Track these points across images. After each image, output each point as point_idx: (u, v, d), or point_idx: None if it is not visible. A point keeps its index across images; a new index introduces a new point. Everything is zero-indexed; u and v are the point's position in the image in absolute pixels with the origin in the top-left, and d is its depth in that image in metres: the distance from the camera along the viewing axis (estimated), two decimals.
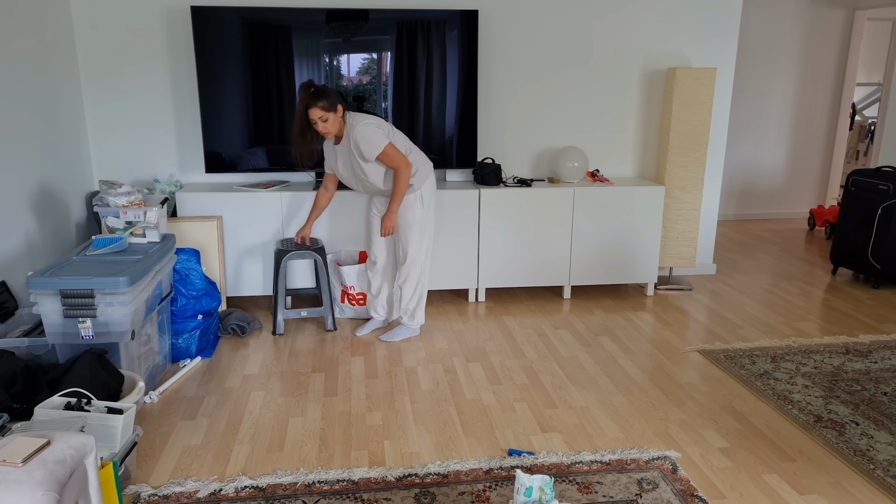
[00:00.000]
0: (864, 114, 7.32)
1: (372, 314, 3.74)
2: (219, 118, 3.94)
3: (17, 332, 2.88)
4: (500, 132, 4.41)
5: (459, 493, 2.26)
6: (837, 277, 4.80)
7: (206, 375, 3.18)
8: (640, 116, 4.51)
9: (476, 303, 4.23)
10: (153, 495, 2.23)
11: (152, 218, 3.11)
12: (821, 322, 3.92)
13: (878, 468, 2.41)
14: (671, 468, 2.40)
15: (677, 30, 4.40)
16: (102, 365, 2.50)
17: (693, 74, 4.24)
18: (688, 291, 4.48)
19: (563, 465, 2.42)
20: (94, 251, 2.88)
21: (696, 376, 3.19)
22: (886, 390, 3.02)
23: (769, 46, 6.30)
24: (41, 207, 3.46)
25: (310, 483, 2.31)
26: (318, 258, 3.62)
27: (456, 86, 4.10)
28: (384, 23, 3.94)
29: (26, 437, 1.65)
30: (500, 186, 4.14)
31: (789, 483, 2.34)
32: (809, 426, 2.70)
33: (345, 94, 4.02)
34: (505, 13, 4.22)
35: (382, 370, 3.24)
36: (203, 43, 3.83)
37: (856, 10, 6.31)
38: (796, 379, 3.14)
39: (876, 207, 4.47)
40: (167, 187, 4.04)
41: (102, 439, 2.14)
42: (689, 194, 4.43)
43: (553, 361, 3.35)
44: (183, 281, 3.30)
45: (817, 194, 6.79)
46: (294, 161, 4.04)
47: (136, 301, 2.69)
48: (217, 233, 3.85)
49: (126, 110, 4.06)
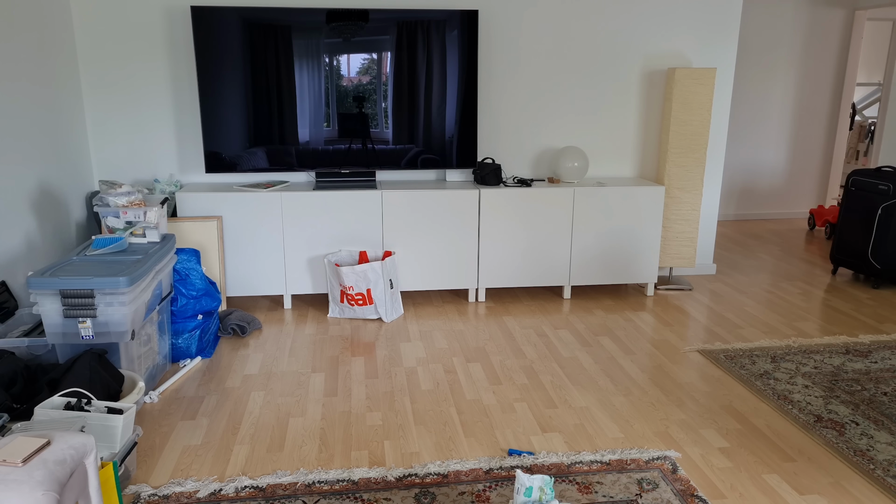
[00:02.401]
0: (864, 114, 7.33)
1: None
2: (219, 118, 3.94)
3: (17, 332, 2.88)
4: (500, 132, 4.41)
5: (459, 493, 2.26)
6: (837, 277, 4.80)
7: (206, 375, 3.18)
8: (640, 116, 4.51)
9: (476, 303, 4.23)
10: (153, 495, 2.23)
11: (152, 218, 3.11)
12: (821, 322, 3.92)
13: (878, 468, 2.41)
14: (671, 468, 2.40)
15: (677, 30, 4.40)
16: (102, 365, 2.50)
17: (693, 74, 4.24)
18: (688, 291, 4.48)
19: (563, 465, 2.42)
20: (94, 251, 2.88)
21: (696, 376, 3.19)
22: (886, 390, 3.02)
23: (769, 46, 6.30)
24: (41, 207, 3.47)
25: (310, 483, 2.31)
26: None
27: (456, 86, 4.10)
28: (384, 23, 3.94)
29: (26, 437, 1.65)
30: (500, 186, 4.15)
31: (789, 483, 2.34)
32: (809, 426, 2.70)
33: (345, 94, 4.02)
34: (505, 13, 4.22)
35: (382, 370, 3.24)
36: (203, 43, 3.83)
37: (856, 10, 6.31)
38: (796, 379, 3.14)
39: (876, 207, 4.47)
40: (167, 187, 4.04)
41: (102, 439, 2.14)
42: (688, 194, 4.43)
43: (553, 361, 3.35)
44: (183, 281, 3.30)
45: (817, 194, 6.79)
46: (294, 161, 4.04)
47: (136, 301, 2.69)
48: (217, 233, 3.85)
49: (126, 110, 4.06)
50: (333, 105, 4.03)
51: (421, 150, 4.17)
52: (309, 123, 4.03)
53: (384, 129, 4.11)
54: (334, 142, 4.09)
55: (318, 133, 4.06)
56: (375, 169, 4.17)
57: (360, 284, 3.82)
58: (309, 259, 4.02)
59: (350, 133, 4.10)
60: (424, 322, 3.88)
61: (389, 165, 4.17)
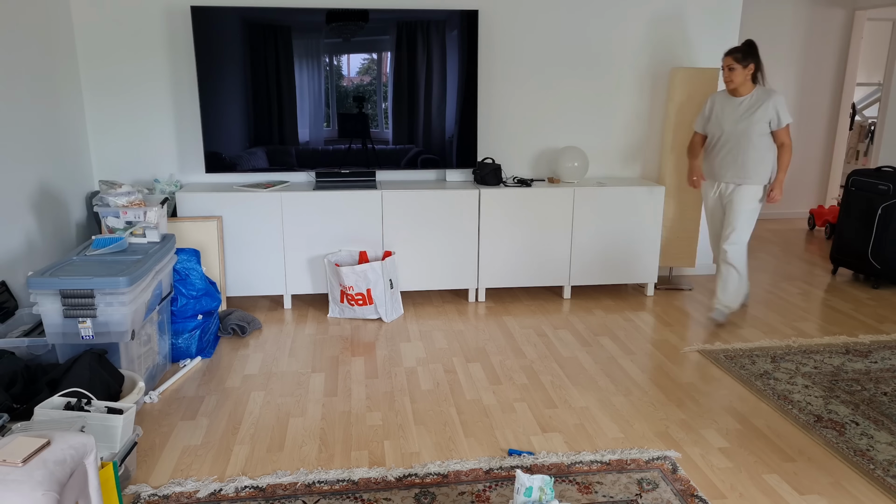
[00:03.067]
0: (864, 114, 7.32)
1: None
2: (219, 118, 3.94)
3: (17, 332, 2.88)
4: (500, 132, 4.41)
5: (459, 493, 2.26)
6: (837, 277, 4.80)
7: (206, 375, 3.18)
8: (640, 116, 4.51)
9: (476, 303, 4.23)
10: (153, 495, 2.23)
11: (152, 218, 3.11)
12: (821, 322, 3.92)
13: (878, 468, 2.41)
14: (671, 468, 2.40)
15: (677, 30, 4.40)
16: (102, 365, 2.50)
17: (693, 74, 4.24)
18: (688, 291, 4.48)
19: (563, 465, 2.42)
20: (94, 251, 2.88)
21: (696, 376, 3.19)
22: (886, 390, 3.02)
23: (769, 47, 6.30)
24: (41, 207, 3.47)
25: (310, 483, 2.31)
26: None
27: (456, 86, 4.10)
28: (384, 23, 3.94)
29: (26, 437, 1.65)
30: (500, 186, 4.15)
31: (789, 483, 2.34)
32: (809, 426, 2.70)
33: (345, 94, 4.02)
34: (505, 13, 4.22)
35: (382, 370, 3.24)
36: (203, 43, 3.83)
37: (856, 10, 6.31)
38: (796, 379, 3.14)
39: (876, 207, 4.47)
40: (167, 187, 4.04)
41: (102, 439, 2.14)
42: (689, 194, 4.43)
43: (553, 361, 3.35)
44: (183, 281, 3.30)
45: (817, 194, 6.79)
46: (293, 163, 4.05)
47: (136, 301, 2.69)
48: (217, 233, 3.85)
49: (126, 110, 4.06)
50: (333, 105, 4.03)
51: (421, 150, 4.17)
52: (309, 123, 4.03)
53: (384, 129, 4.11)
54: (334, 142, 4.09)
55: (318, 133, 4.06)
56: (375, 169, 4.17)
57: (360, 284, 3.82)
58: (309, 259, 4.02)
59: (350, 133, 4.10)
60: (424, 322, 3.88)
61: (389, 165, 4.17)
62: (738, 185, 3.64)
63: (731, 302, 3.78)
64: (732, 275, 3.73)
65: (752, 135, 3.54)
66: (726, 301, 3.78)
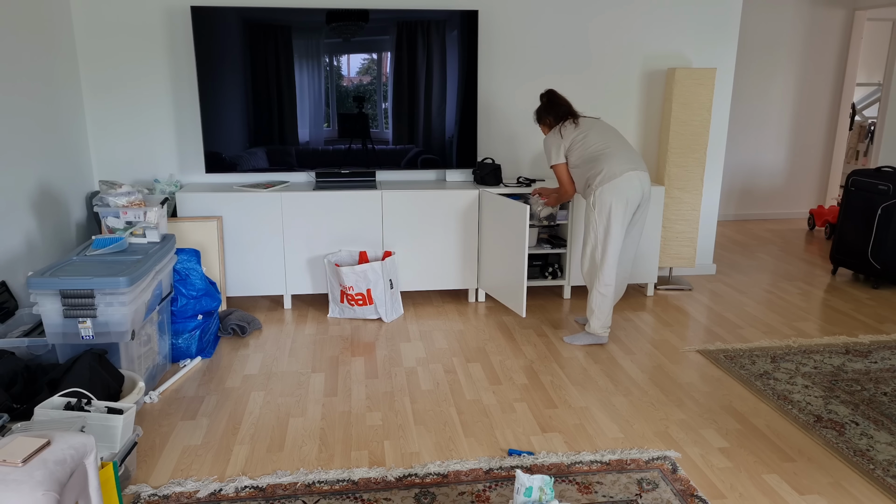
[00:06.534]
0: (864, 114, 7.32)
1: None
2: (219, 118, 3.94)
3: (17, 332, 2.88)
4: (500, 132, 4.41)
5: (459, 493, 2.26)
6: (837, 277, 4.80)
7: (206, 375, 3.18)
8: (640, 116, 4.51)
9: (476, 303, 4.23)
10: (153, 495, 2.23)
11: (152, 218, 3.11)
12: (821, 322, 3.92)
13: (878, 468, 2.41)
14: (671, 468, 2.40)
15: (677, 30, 4.40)
16: (102, 365, 2.50)
17: (693, 74, 4.24)
18: (688, 291, 4.48)
19: (563, 465, 2.42)
20: (94, 251, 2.88)
21: (696, 376, 3.19)
22: (886, 390, 3.02)
23: (769, 46, 6.30)
24: (41, 207, 3.47)
25: (310, 483, 2.31)
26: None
27: (456, 86, 4.10)
28: (384, 23, 3.94)
29: (26, 437, 1.65)
30: (500, 186, 4.14)
31: (789, 483, 2.34)
32: (809, 426, 2.70)
33: (345, 94, 4.02)
34: (505, 13, 4.22)
35: (382, 370, 3.24)
36: (203, 43, 3.83)
37: (856, 10, 6.31)
38: (796, 379, 3.14)
39: (876, 207, 4.47)
40: (167, 187, 4.04)
41: (102, 439, 2.14)
42: (688, 194, 4.43)
43: (553, 361, 3.35)
44: (183, 281, 3.30)
45: (817, 194, 6.79)
46: (293, 162, 4.05)
47: (137, 301, 2.69)
48: (217, 233, 3.85)
49: (126, 110, 4.06)
50: (333, 105, 4.03)
51: (421, 150, 4.17)
52: (309, 123, 4.03)
53: (384, 129, 4.11)
54: (334, 142, 4.09)
55: (318, 133, 4.06)
56: (375, 169, 4.17)
57: (360, 284, 3.82)
58: (309, 259, 4.02)
59: (350, 133, 4.10)
60: (424, 322, 3.88)
61: (389, 165, 4.17)
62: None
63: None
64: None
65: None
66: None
